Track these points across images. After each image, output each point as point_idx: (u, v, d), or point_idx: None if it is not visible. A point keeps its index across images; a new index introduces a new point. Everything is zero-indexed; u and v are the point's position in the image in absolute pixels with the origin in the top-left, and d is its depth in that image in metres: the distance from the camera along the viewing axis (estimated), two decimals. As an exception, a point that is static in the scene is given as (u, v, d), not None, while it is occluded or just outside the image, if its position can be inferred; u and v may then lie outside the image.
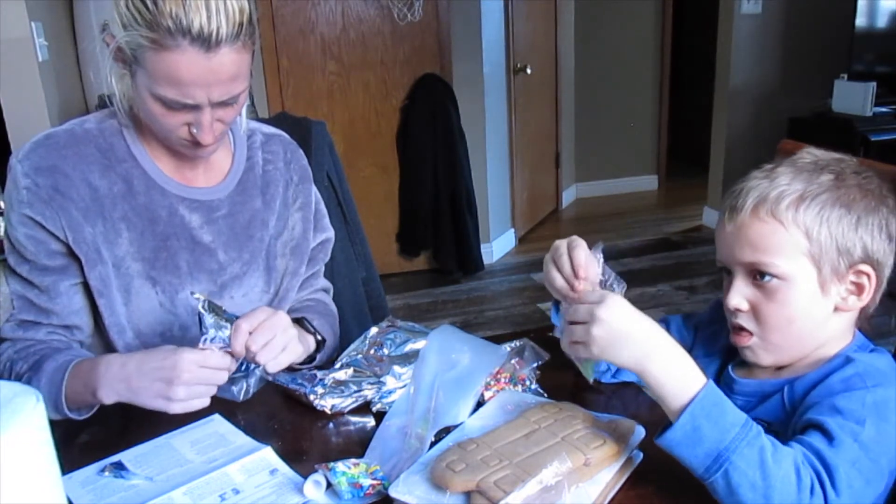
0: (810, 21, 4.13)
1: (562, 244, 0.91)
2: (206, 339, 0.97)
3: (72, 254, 1.08)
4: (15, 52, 2.24)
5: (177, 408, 0.95)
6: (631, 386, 1.07)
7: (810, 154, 0.89)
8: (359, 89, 3.68)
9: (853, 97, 3.84)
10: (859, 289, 0.86)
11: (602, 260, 0.90)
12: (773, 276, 0.84)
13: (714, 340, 1.02)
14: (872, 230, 0.84)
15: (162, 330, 1.14)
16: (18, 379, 1.04)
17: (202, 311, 0.97)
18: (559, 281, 0.89)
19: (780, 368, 0.92)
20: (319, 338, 1.15)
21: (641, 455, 0.86)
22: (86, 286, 1.10)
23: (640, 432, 0.86)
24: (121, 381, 0.97)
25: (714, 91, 4.33)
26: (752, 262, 0.85)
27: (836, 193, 0.84)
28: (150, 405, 0.96)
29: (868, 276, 0.85)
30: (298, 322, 1.13)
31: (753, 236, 0.85)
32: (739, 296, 0.88)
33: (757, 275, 0.86)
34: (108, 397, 0.98)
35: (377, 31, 3.64)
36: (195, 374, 0.94)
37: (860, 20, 4.01)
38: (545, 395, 1.02)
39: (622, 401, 1.04)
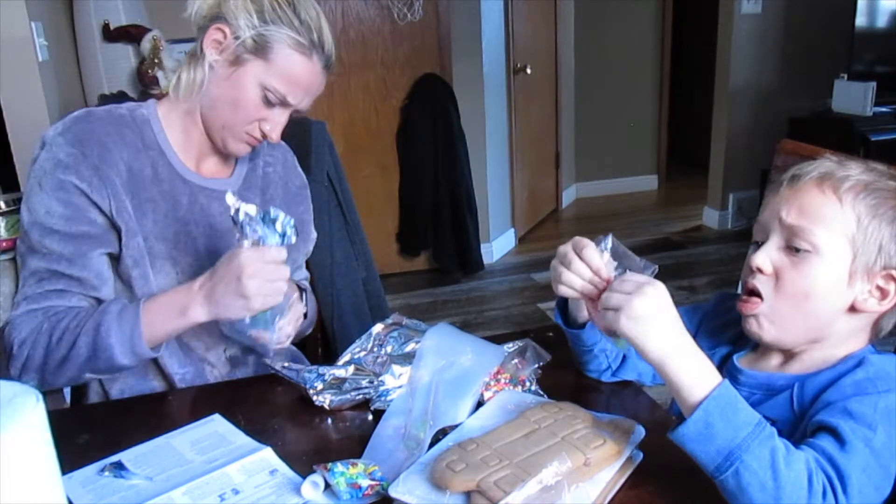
0: (810, 21, 4.13)
1: (568, 249, 0.89)
2: (252, 241, 1.00)
3: (109, 223, 1.11)
4: (15, 52, 2.24)
5: (256, 304, 1.00)
6: (631, 386, 1.07)
7: (880, 164, 0.90)
8: (359, 89, 3.68)
9: (853, 97, 3.84)
10: (882, 294, 0.85)
11: (612, 250, 0.89)
12: (810, 245, 0.84)
13: (719, 333, 1.02)
14: None
15: None
16: (61, 337, 1.06)
17: (242, 218, 1.00)
18: (579, 282, 0.88)
19: (786, 362, 0.91)
20: (304, 310, 1.21)
21: (641, 455, 0.86)
22: (111, 259, 1.14)
23: (640, 432, 0.86)
24: (204, 296, 1.03)
25: (714, 91, 4.33)
26: (795, 225, 0.85)
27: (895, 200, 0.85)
28: (233, 310, 1.01)
29: None
30: None
31: (807, 202, 0.86)
32: (767, 257, 0.88)
33: (792, 242, 0.86)
34: (199, 315, 1.04)
35: (377, 31, 3.64)
36: (259, 268, 0.99)
37: (860, 20, 4.01)
38: (544, 395, 1.02)
39: (622, 401, 1.04)
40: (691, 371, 0.76)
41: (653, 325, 0.77)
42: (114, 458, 0.93)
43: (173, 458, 0.94)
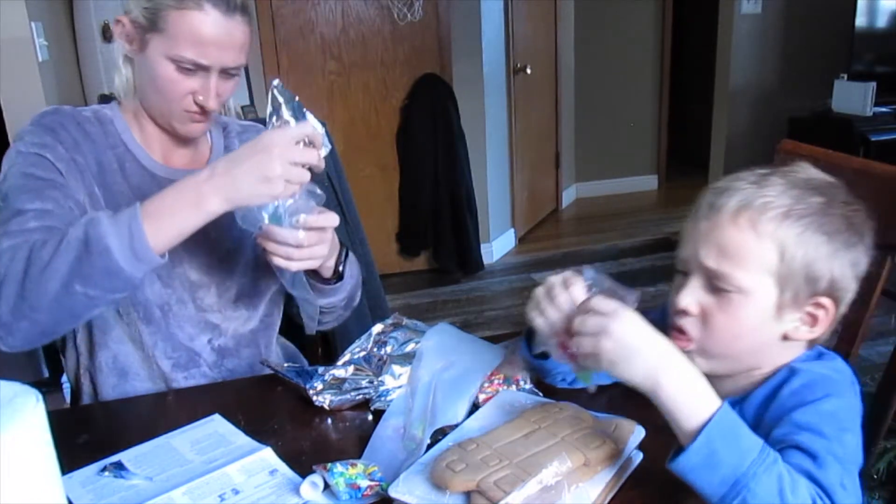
0: (810, 21, 4.14)
1: (557, 281, 0.86)
2: (283, 123, 0.96)
3: (82, 211, 1.10)
4: (15, 52, 2.24)
5: (278, 187, 0.93)
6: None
7: (805, 171, 0.85)
8: (359, 89, 3.68)
9: (853, 97, 3.85)
10: (813, 320, 0.82)
11: (597, 281, 0.86)
12: (733, 286, 0.80)
13: None
14: (844, 266, 0.81)
15: (161, 303, 1.18)
16: (45, 242, 0.95)
17: (276, 95, 0.97)
18: (556, 316, 0.85)
19: (723, 387, 0.85)
20: (341, 268, 1.16)
21: (641, 455, 0.86)
22: None
23: (640, 432, 0.86)
24: (219, 182, 0.94)
25: (714, 91, 4.33)
26: (715, 269, 0.81)
27: (822, 219, 0.80)
28: (254, 194, 0.94)
29: (826, 308, 0.81)
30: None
31: (725, 241, 0.81)
32: (692, 297, 0.83)
33: (716, 282, 0.82)
34: (214, 204, 0.95)
35: (377, 31, 3.64)
36: (287, 149, 0.93)
37: (860, 20, 4.02)
38: (540, 394, 1.02)
39: (622, 401, 1.04)
40: (686, 394, 0.73)
41: (626, 360, 0.75)
42: (114, 458, 0.93)
43: (173, 459, 0.94)
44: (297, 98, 0.98)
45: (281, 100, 0.97)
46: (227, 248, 1.22)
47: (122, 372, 1.19)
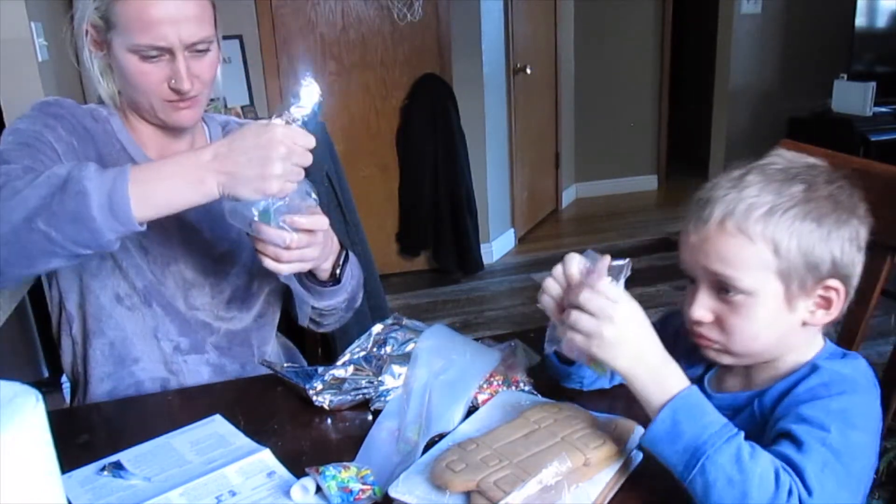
0: (810, 21, 4.14)
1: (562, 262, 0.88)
2: (292, 120, 0.94)
3: None
4: (15, 52, 2.24)
5: (274, 186, 0.91)
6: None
7: (781, 159, 0.86)
8: (359, 89, 3.68)
9: (853, 97, 3.85)
10: (827, 303, 0.83)
11: (590, 256, 0.86)
12: (738, 290, 0.82)
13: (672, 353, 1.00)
14: (843, 244, 0.81)
15: (153, 298, 1.17)
16: (24, 185, 0.89)
17: (302, 93, 0.95)
18: (556, 289, 0.86)
19: (746, 380, 0.91)
20: (338, 272, 1.15)
21: (641, 455, 0.86)
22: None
23: (639, 432, 0.86)
24: (219, 167, 0.91)
25: (714, 91, 4.33)
26: (717, 273, 0.82)
27: (807, 207, 0.80)
28: (249, 187, 0.91)
29: (836, 290, 0.82)
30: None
31: (720, 249, 0.82)
32: (703, 308, 0.85)
33: (721, 287, 0.83)
34: (212, 188, 0.91)
35: (377, 31, 3.64)
36: (291, 149, 0.91)
37: (860, 20, 4.02)
38: (537, 395, 1.02)
39: (622, 401, 1.04)
40: (658, 376, 0.78)
41: (618, 348, 0.78)
42: (113, 458, 0.93)
43: (172, 459, 0.94)
44: (320, 99, 0.96)
45: (302, 97, 0.95)
46: (224, 250, 1.22)
47: (120, 359, 1.19)
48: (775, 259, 0.80)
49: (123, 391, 1.19)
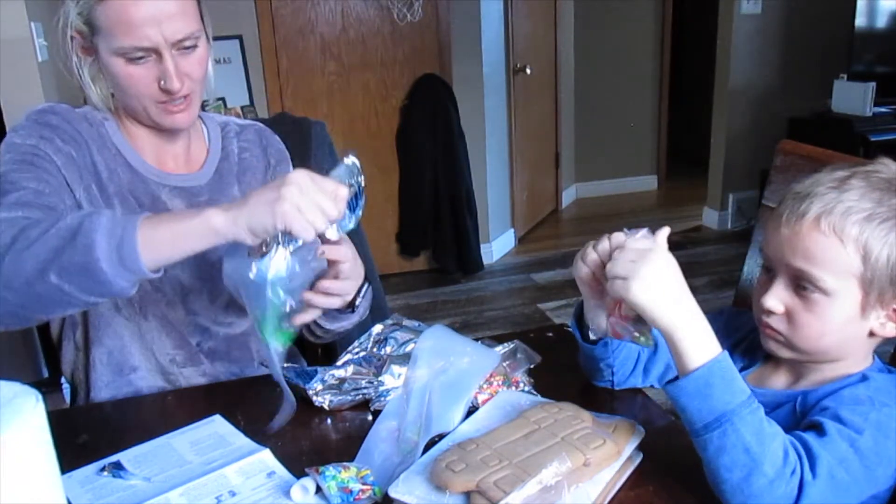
0: (810, 21, 4.14)
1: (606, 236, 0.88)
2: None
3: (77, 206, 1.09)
4: (15, 52, 2.24)
5: (286, 207, 0.84)
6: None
7: (888, 169, 0.86)
8: (358, 89, 3.68)
9: (853, 97, 3.84)
10: None
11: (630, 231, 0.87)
12: (818, 289, 0.83)
13: (730, 351, 1.00)
14: None
15: (150, 304, 1.17)
16: (39, 222, 0.90)
17: (343, 170, 0.93)
18: (593, 257, 0.86)
19: (794, 380, 0.92)
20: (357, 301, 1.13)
21: (641, 455, 0.86)
22: None
23: (640, 432, 0.86)
24: (228, 206, 0.89)
25: (714, 91, 4.33)
26: (802, 269, 0.83)
27: None
28: (258, 213, 0.86)
29: None
30: None
31: (809, 246, 0.82)
32: (777, 298, 0.86)
33: (801, 282, 0.84)
34: (217, 218, 0.87)
35: (377, 32, 3.64)
36: (307, 185, 0.86)
37: (860, 20, 4.01)
38: (538, 395, 1.01)
39: (622, 401, 1.04)
40: (697, 335, 0.78)
41: (656, 286, 0.78)
42: (113, 458, 0.93)
43: (172, 459, 0.93)
44: (362, 182, 0.94)
45: (341, 172, 0.93)
46: (222, 255, 1.21)
47: (118, 368, 1.18)
48: (862, 266, 0.81)
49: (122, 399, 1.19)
